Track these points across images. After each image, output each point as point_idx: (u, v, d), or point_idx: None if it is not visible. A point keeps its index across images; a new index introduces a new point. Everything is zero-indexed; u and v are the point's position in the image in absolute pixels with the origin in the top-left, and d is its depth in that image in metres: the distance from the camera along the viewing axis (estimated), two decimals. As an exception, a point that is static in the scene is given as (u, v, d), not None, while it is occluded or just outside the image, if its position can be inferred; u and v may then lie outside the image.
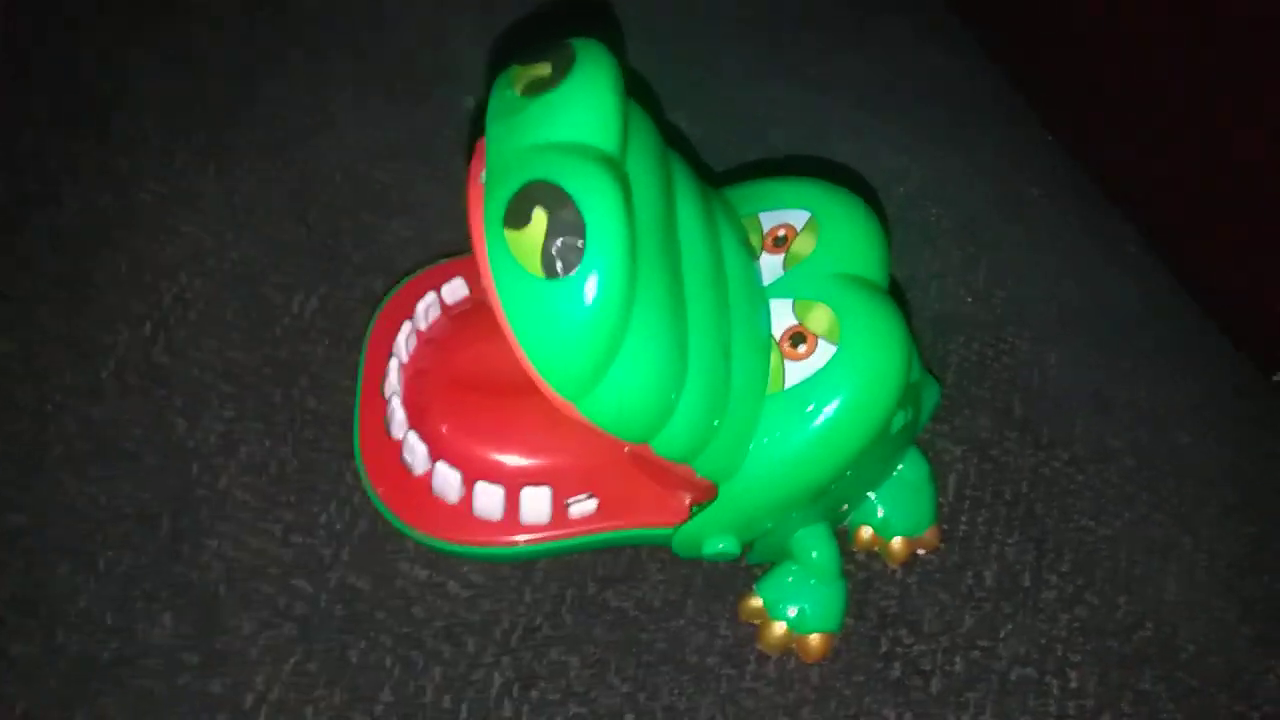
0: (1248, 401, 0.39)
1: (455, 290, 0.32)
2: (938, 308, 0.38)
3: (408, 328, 0.31)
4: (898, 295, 0.27)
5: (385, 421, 0.30)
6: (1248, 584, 0.34)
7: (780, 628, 0.30)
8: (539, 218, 0.21)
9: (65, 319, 0.33)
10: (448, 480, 0.29)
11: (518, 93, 0.23)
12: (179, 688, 0.28)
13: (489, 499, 0.28)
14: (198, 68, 0.39)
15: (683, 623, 0.30)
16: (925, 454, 0.32)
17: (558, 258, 0.21)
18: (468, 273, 0.33)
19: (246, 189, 0.37)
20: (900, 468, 0.31)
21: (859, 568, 0.32)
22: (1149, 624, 0.32)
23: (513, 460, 0.29)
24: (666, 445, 0.25)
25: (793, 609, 0.30)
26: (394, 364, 0.30)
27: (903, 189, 0.41)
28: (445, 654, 0.29)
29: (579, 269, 0.21)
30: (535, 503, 0.29)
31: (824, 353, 0.26)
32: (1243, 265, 0.43)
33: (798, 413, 0.26)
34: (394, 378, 0.30)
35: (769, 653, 0.30)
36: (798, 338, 0.26)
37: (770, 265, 0.28)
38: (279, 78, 0.39)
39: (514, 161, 0.22)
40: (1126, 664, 0.31)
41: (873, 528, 0.31)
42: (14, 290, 0.34)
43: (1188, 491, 0.35)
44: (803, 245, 0.28)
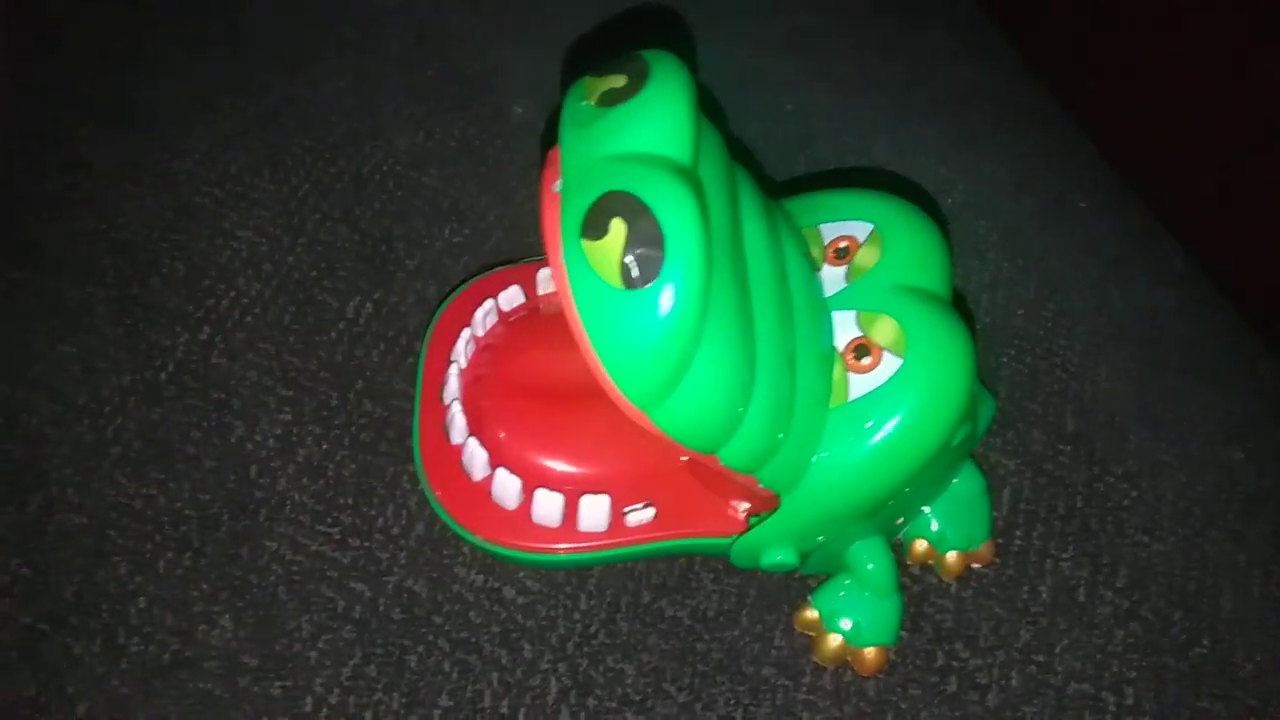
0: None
1: (512, 297, 0.32)
2: (988, 320, 0.37)
3: (466, 334, 0.31)
4: (960, 308, 0.27)
5: (444, 427, 0.30)
6: (1303, 602, 0.33)
7: (836, 640, 0.30)
8: (617, 228, 0.21)
9: (123, 322, 0.34)
10: (507, 486, 0.29)
11: (592, 104, 0.23)
12: (239, 690, 0.28)
13: (548, 506, 0.29)
14: (250, 69, 0.40)
15: (737, 633, 0.30)
16: (980, 468, 0.32)
17: (636, 268, 0.21)
18: (524, 280, 0.33)
19: (300, 194, 0.37)
20: (955, 481, 0.31)
21: (913, 581, 0.32)
22: (1205, 640, 0.32)
23: (572, 468, 0.29)
24: (733, 456, 0.25)
25: (848, 621, 0.30)
26: (453, 370, 0.30)
27: (950, 200, 0.41)
28: (502, 659, 0.29)
29: (657, 279, 0.21)
30: (594, 510, 0.29)
31: (889, 365, 0.26)
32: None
33: (863, 425, 0.26)
34: (454, 384, 0.30)
35: (824, 664, 0.30)
36: (861, 350, 0.26)
37: (832, 277, 0.28)
38: (328, 81, 0.40)
39: (590, 172, 0.22)
40: (1183, 681, 0.31)
41: (928, 541, 0.31)
42: (72, 294, 0.34)
43: (1240, 508, 0.35)
44: (866, 257, 0.28)
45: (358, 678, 0.29)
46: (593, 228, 0.22)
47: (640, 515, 0.29)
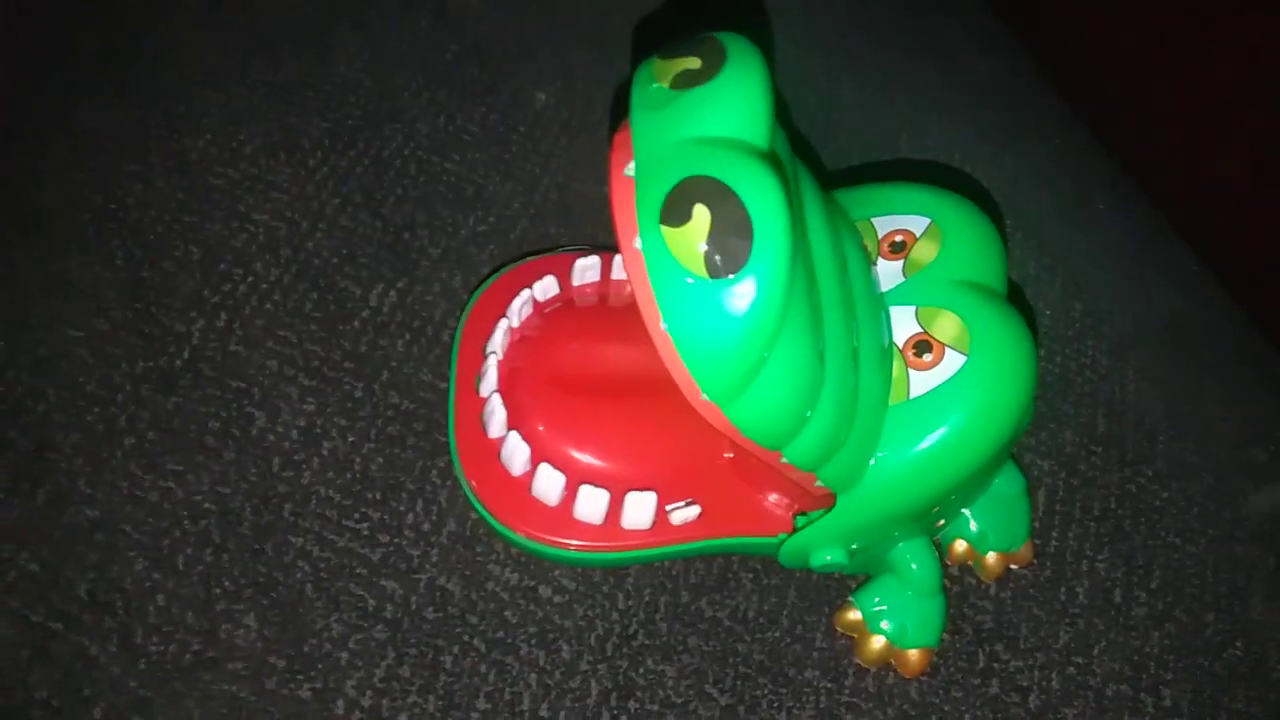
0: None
1: (547, 288, 0.31)
2: (1019, 319, 0.37)
3: (504, 325, 0.30)
4: (1020, 303, 0.27)
5: (482, 420, 0.29)
6: (1330, 604, 0.34)
7: (879, 641, 0.29)
8: (700, 214, 0.20)
9: (134, 307, 0.32)
10: (551, 482, 0.28)
11: (665, 85, 0.22)
12: (266, 692, 0.27)
13: (593, 503, 0.28)
14: (262, 50, 0.38)
15: (778, 634, 0.30)
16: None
17: (722, 256, 0.20)
18: (558, 271, 0.32)
19: (319, 178, 0.36)
20: (996, 481, 0.31)
21: (952, 582, 0.32)
22: (1239, 643, 0.32)
23: (615, 464, 0.29)
24: (798, 453, 0.24)
25: (892, 623, 0.29)
26: (492, 361, 0.29)
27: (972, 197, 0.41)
28: (540, 661, 0.28)
29: (744, 269, 0.20)
30: (639, 509, 0.28)
31: (952, 362, 0.25)
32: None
33: (927, 423, 0.25)
34: (492, 375, 0.29)
35: (867, 666, 0.30)
36: (922, 346, 0.26)
37: (888, 271, 0.27)
38: (344, 61, 0.38)
39: (668, 156, 0.21)
40: (1219, 683, 0.31)
41: (968, 542, 0.31)
42: (81, 277, 0.33)
43: (1266, 510, 0.35)
44: (923, 252, 0.27)
45: (391, 679, 0.28)
46: (673, 214, 0.21)
47: (685, 514, 0.29)
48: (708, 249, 0.20)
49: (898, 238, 0.28)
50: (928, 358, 0.26)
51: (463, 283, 0.34)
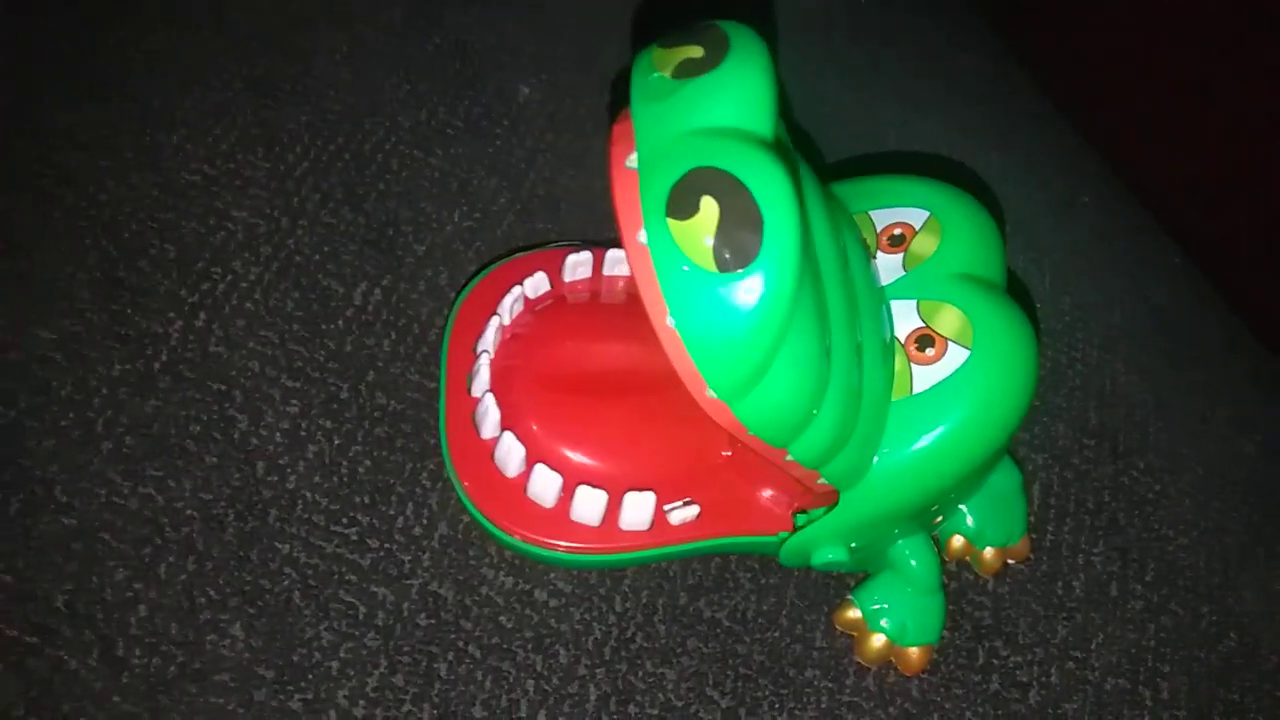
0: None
1: (538, 285, 0.31)
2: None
3: (495, 323, 0.29)
4: (1022, 296, 0.27)
5: (474, 420, 0.28)
6: (1319, 594, 0.34)
7: (880, 640, 0.29)
8: (708, 207, 0.20)
9: (109, 308, 0.31)
10: (547, 483, 0.27)
11: (666, 75, 0.22)
12: (255, 704, 0.26)
13: (591, 504, 0.27)
14: (237, 40, 0.37)
15: (778, 634, 0.29)
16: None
17: (731, 250, 0.20)
18: (549, 267, 0.31)
19: (298, 173, 0.35)
20: (992, 476, 0.31)
21: (950, 578, 0.31)
22: (1232, 634, 0.32)
23: (611, 464, 0.28)
24: (804, 450, 0.23)
25: (892, 621, 0.29)
26: (484, 360, 0.29)
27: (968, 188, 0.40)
28: (537, 666, 0.28)
29: (755, 262, 0.20)
30: (638, 509, 0.27)
31: (955, 356, 0.25)
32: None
33: (932, 418, 0.25)
34: (484, 374, 0.28)
35: (867, 664, 0.29)
36: (924, 340, 0.25)
37: (887, 265, 0.27)
38: (323, 54, 0.38)
39: (672, 147, 0.21)
40: (1215, 675, 0.31)
41: (965, 537, 0.31)
42: (50, 275, 0.31)
43: (1255, 501, 0.35)
44: (923, 245, 0.27)
45: (384, 688, 0.27)
46: (680, 206, 0.20)
47: (683, 514, 0.28)
48: (716, 242, 0.20)
49: (896, 231, 0.27)
50: (930, 352, 0.25)
51: (449, 280, 0.34)
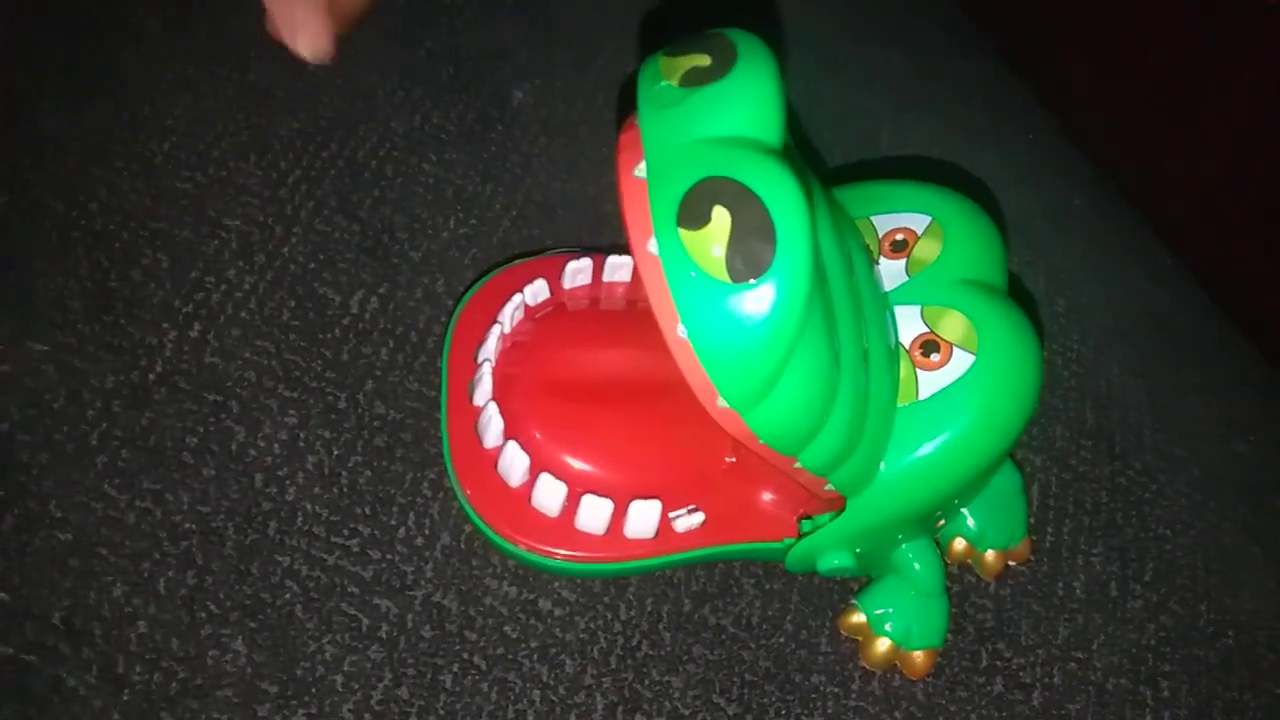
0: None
1: (538, 292, 0.31)
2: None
3: (496, 331, 0.29)
4: (1026, 301, 0.27)
5: (477, 429, 0.28)
6: (1315, 592, 0.34)
7: (885, 644, 0.29)
8: (720, 216, 0.20)
9: (101, 319, 0.31)
10: (552, 492, 0.27)
11: (674, 84, 0.22)
12: (259, 720, 0.26)
13: (596, 512, 0.27)
14: (228, 47, 0.37)
15: (783, 640, 0.29)
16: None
17: (744, 260, 0.20)
18: (548, 274, 0.31)
19: (291, 180, 0.34)
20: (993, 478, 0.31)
21: (952, 580, 0.31)
22: (1231, 633, 0.32)
23: (615, 472, 0.28)
24: (813, 458, 0.23)
25: (896, 625, 0.29)
26: (486, 369, 0.28)
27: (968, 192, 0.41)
28: (543, 676, 0.28)
29: (767, 272, 0.20)
30: (643, 517, 0.27)
31: (960, 362, 0.25)
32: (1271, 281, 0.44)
33: (939, 423, 0.25)
34: (487, 383, 0.28)
35: (872, 669, 0.29)
36: (929, 346, 0.26)
37: (890, 270, 0.27)
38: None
39: (682, 156, 0.21)
40: (1214, 673, 0.31)
41: (966, 539, 0.31)
42: (42, 285, 0.31)
43: (1250, 500, 0.36)
44: (926, 250, 0.27)
45: (389, 701, 0.27)
46: (691, 216, 0.20)
47: (688, 521, 0.28)
48: (729, 252, 0.20)
49: (899, 236, 0.27)
50: (936, 357, 0.25)
51: (446, 287, 0.33)
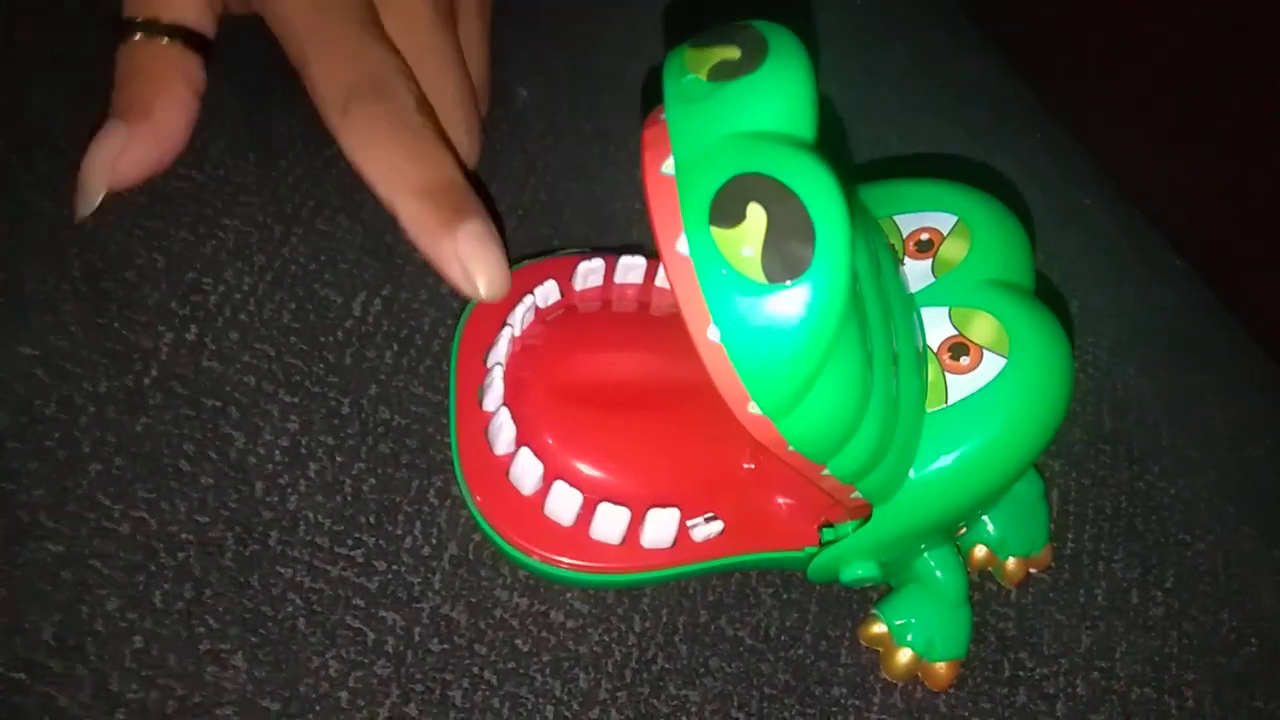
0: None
1: (548, 294, 0.30)
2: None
3: (507, 334, 0.28)
4: (1056, 301, 0.26)
5: (487, 435, 0.27)
6: (1336, 597, 0.34)
7: (907, 655, 0.28)
8: (755, 214, 0.19)
9: (94, 321, 0.29)
10: (567, 501, 0.26)
11: (701, 77, 0.21)
12: (262, 739, 0.25)
13: (612, 521, 0.26)
14: (225, 43, 0.35)
15: (802, 651, 0.29)
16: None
17: (782, 260, 0.19)
18: (559, 275, 0.30)
19: (291, 180, 0.33)
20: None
21: (973, 589, 0.31)
22: (1254, 640, 0.32)
23: (632, 480, 0.27)
24: (843, 465, 0.23)
25: (918, 635, 0.28)
26: (498, 373, 0.27)
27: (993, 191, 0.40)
28: (556, 691, 0.27)
29: (806, 273, 0.19)
30: (661, 526, 0.26)
31: (991, 365, 0.24)
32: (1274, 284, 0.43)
33: (970, 428, 0.24)
34: (498, 388, 0.27)
35: (893, 680, 0.28)
36: (958, 349, 0.25)
37: (915, 271, 0.26)
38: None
39: (713, 152, 0.20)
40: (1238, 682, 0.31)
41: (988, 547, 0.30)
42: (32, 287, 0.30)
43: (1268, 504, 0.35)
44: (952, 251, 0.26)
45: (397, 718, 0.26)
46: (724, 215, 0.19)
47: (706, 530, 0.27)
48: (765, 252, 0.19)
49: (924, 236, 0.27)
50: (965, 361, 0.25)
51: (451, 290, 0.32)
